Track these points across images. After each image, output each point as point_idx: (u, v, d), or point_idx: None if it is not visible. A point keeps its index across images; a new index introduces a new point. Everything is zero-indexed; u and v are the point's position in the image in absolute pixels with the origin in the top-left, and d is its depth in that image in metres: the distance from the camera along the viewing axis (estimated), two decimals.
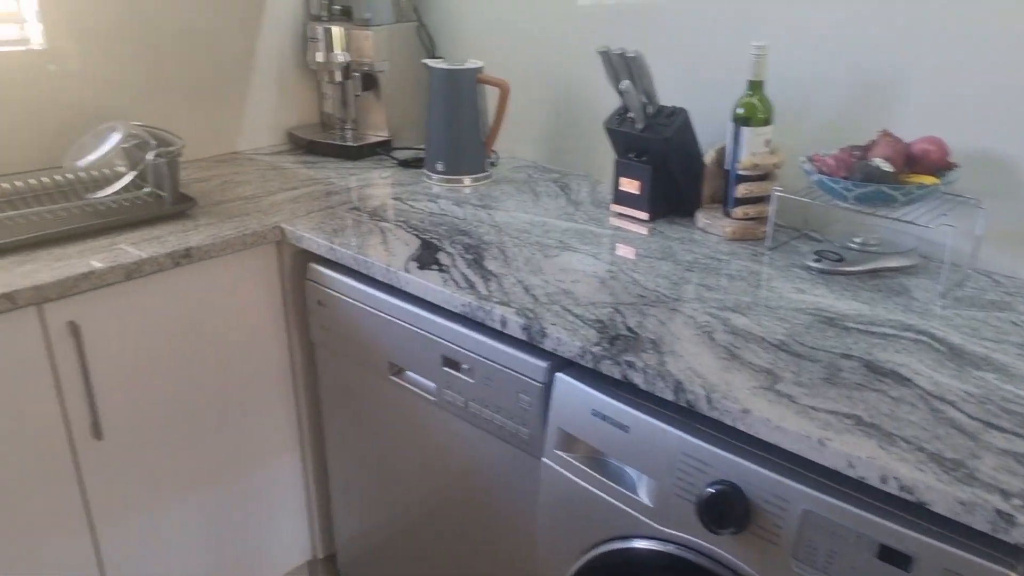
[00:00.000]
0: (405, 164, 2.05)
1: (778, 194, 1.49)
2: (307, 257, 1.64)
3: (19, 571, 1.45)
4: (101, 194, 1.61)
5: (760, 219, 1.56)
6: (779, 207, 1.61)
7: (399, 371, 1.50)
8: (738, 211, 1.56)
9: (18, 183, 1.66)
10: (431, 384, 1.43)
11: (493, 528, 1.44)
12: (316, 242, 1.56)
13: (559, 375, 1.20)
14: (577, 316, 1.23)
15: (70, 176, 1.69)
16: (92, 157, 1.63)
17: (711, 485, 1.02)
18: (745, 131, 1.51)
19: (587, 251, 1.49)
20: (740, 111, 1.51)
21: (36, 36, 1.78)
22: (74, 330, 1.41)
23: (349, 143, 2.12)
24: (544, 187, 1.88)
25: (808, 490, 0.94)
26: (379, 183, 1.91)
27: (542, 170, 2.02)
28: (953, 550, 0.84)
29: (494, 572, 1.47)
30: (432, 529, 1.58)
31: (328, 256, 1.54)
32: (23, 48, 1.76)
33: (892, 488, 0.87)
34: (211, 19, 2.02)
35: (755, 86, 1.50)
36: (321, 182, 1.91)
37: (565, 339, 1.17)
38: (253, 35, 2.12)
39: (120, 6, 1.86)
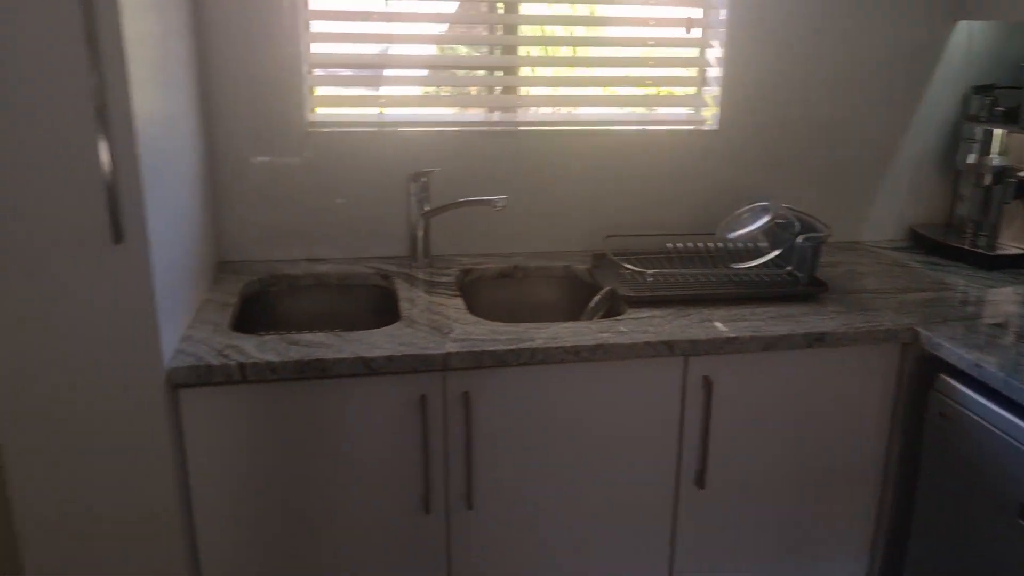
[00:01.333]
0: None
1: None
2: (934, 365, 1.56)
3: None
4: (744, 266, 1.75)
5: None
6: None
7: None
8: None
9: (678, 244, 1.89)
10: None
11: None
12: (957, 354, 1.47)
13: None
14: None
15: (720, 244, 1.87)
16: (742, 231, 1.78)
17: None
18: None
19: None
20: None
21: (712, 119, 2.02)
22: (707, 384, 1.55)
23: (982, 250, 1.97)
24: None
25: None
26: (1020, 302, 1.74)
27: None
28: None
29: None
30: None
31: (969, 372, 1.45)
32: (698, 127, 2.01)
33: None
34: (859, 112, 2.07)
35: None
36: (951, 288, 1.81)
37: None
38: (898, 130, 2.10)
39: (783, 95, 2.01)
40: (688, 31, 1.98)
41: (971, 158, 2.00)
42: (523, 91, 2.01)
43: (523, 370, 1.48)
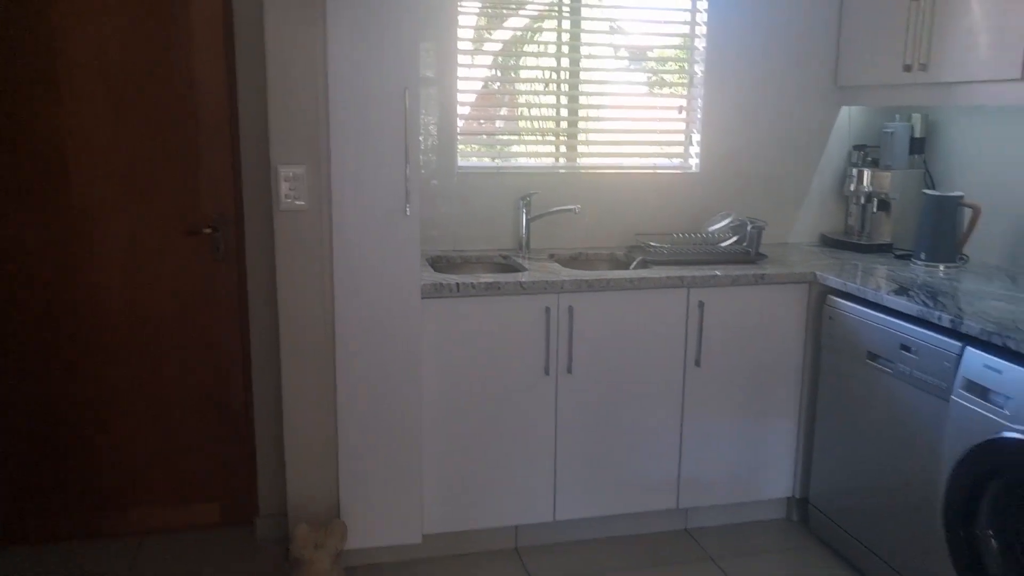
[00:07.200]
0: (898, 257, 3.11)
1: None
2: (826, 291, 2.80)
3: (626, 443, 2.83)
4: (721, 245, 3.00)
5: None
6: None
7: (874, 357, 2.56)
8: None
9: (683, 235, 3.15)
10: (902, 368, 2.46)
11: None
12: (836, 280, 2.73)
13: (969, 349, 2.17)
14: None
15: (704, 235, 3.13)
16: (716, 226, 3.05)
17: None
18: None
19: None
20: None
21: (694, 163, 3.31)
22: (701, 306, 2.78)
23: (863, 242, 3.25)
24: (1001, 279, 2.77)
25: None
26: (880, 264, 3.01)
27: (998, 269, 2.90)
28: None
29: None
30: (903, 498, 2.56)
31: (841, 288, 2.70)
32: (683, 171, 3.30)
33: None
34: (787, 163, 3.37)
35: None
36: (841, 260, 3.07)
37: (972, 324, 2.15)
38: (811, 173, 3.42)
39: (741, 153, 3.31)
40: (680, 112, 3.29)
41: (852, 187, 3.30)
42: (581, 148, 3.29)
43: (602, 293, 2.70)
